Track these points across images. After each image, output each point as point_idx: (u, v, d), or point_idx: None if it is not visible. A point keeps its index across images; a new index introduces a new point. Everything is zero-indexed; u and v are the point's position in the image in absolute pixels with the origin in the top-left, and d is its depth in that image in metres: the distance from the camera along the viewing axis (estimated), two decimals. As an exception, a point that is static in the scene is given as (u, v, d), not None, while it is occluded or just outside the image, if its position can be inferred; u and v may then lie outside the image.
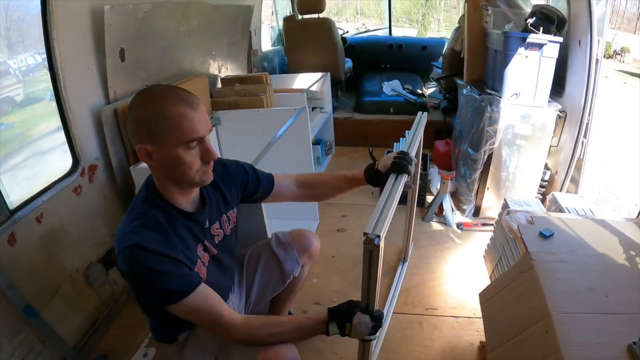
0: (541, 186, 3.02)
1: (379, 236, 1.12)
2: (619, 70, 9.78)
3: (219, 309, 1.23)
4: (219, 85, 3.41)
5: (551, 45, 2.54)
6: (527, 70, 2.63)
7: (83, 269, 2.06)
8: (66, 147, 2.04)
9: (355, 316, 1.29)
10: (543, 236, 1.78)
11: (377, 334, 1.34)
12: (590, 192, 3.39)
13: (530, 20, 2.60)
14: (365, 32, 7.12)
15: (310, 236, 1.81)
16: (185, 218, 1.29)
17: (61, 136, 2.02)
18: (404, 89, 4.88)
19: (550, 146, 2.94)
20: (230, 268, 1.58)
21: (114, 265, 2.22)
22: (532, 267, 1.57)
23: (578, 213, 2.21)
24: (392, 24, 6.31)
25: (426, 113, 1.74)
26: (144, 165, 2.00)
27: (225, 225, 1.49)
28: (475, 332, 2.08)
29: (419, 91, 4.90)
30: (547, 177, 3.05)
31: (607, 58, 10.21)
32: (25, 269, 1.76)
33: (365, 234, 1.13)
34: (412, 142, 1.77)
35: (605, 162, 4.23)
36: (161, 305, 1.19)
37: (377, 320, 1.29)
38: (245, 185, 1.57)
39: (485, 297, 1.80)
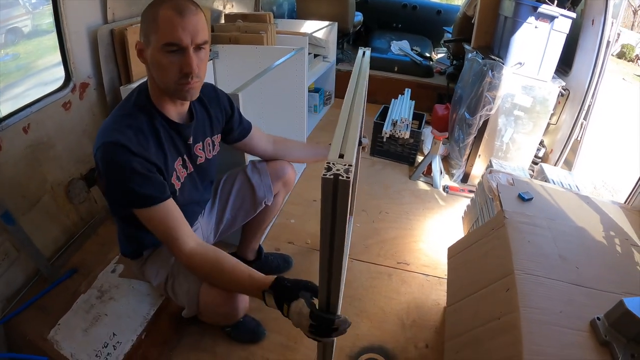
0: (534, 162, 3.01)
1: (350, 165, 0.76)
2: (638, 75, 9.56)
3: (176, 229, 1.24)
4: (223, 21, 3.35)
5: (563, 19, 2.48)
6: (535, 41, 2.58)
7: (65, 184, 2.06)
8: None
9: (296, 302, 1.09)
10: (521, 198, 1.78)
11: (325, 338, 1.05)
12: (587, 184, 3.37)
13: (546, -8, 2.54)
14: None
15: (285, 165, 1.83)
16: (170, 127, 1.32)
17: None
18: (412, 50, 4.82)
19: (549, 123, 2.92)
20: (204, 194, 1.60)
21: (96, 183, 2.22)
22: (504, 225, 1.57)
23: (563, 186, 2.19)
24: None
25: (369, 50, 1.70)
26: (134, 85, 2.00)
27: (208, 148, 1.51)
28: (443, 293, 2.09)
29: (427, 54, 4.84)
30: (541, 154, 3.05)
31: (628, 61, 9.98)
32: (8, 176, 1.76)
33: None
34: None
35: (611, 161, 4.17)
36: (127, 206, 1.21)
37: (318, 322, 1.02)
38: (230, 117, 1.59)
39: (453, 252, 1.82)
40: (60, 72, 2.03)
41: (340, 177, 0.72)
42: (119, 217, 1.42)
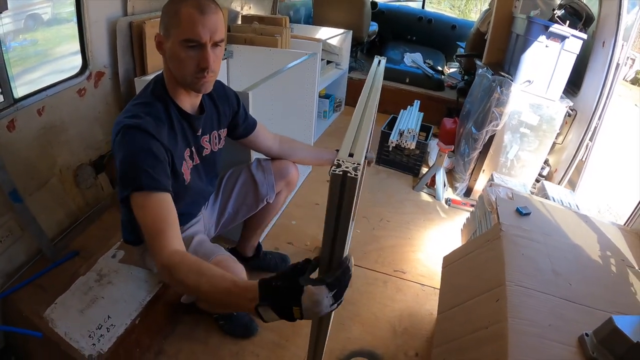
0: (537, 180, 3.01)
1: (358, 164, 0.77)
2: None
3: (167, 225, 1.14)
4: (239, 22, 3.40)
5: (574, 39, 2.51)
6: (545, 60, 2.60)
7: (73, 168, 2.11)
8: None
9: (305, 296, 0.83)
10: (519, 213, 1.79)
11: (343, 297, 0.87)
12: (591, 207, 3.36)
13: (558, 12, 2.57)
14: (398, 1, 7.00)
15: (289, 165, 1.86)
16: (182, 117, 1.37)
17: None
18: (424, 62, 4.85)
19: (555, 143, 2.93)
20: (208, 186, 1.63)
21: (104, 170, 2.26)
22: (499, 237, 1.58)
23: (563, 204, 2.20)
24: (434, 5, 6.18)
25: (385, 60, 1.77)
26: (148, 78, 2.04)
27: (214, 141, 1.55)
28: (437, 303, 2.05)
29: (439, 68, 4.87)
30: (545, 173, 3.05)
31: (640, 86, 9.88)
32: (19, 155, 1.81)
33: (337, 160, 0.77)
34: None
35: (618, 185, 4.16)
36: (132, 185, 1.16)
37: (340, 286, 0.85)
38: (236, 113, 1.64)
39: (448, 261, 1.83)
40: (76, 62, 2.08)
41: (348, 174, 0.74)
42: (125, 204, 1.45)
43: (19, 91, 1.80)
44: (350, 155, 0.84)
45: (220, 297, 0.97)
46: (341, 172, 0.75)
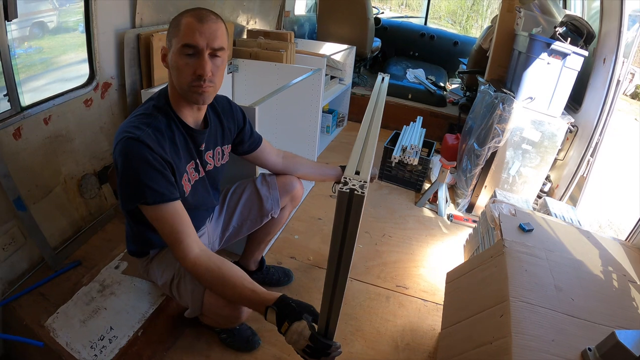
0: (539, 196, 3.02)
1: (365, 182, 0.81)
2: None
3: (183, 232, 1.27)
4: (245, 36, 3.44)
5: (575, 57, 2.53)
6: (547, 77, 2.62)
7: (78, 178, 2.12)
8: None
9: (298, 322, 1.16)
10: (522, 229, 1.80)
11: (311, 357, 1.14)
12: (592, 222, 3.36)
13: (560, 30, 2.59)
14: (401, 17, 7.09)
15: (294, 180, 1.87)
16: (185, 131, 1.38)
17: (86, 67, 2.10)
18: (427, 78, 4.89)
19: (556, 159, 2.94)
20: (213, 200, 1.64)
21: (108, 181, 2.27)
22: (502, 253, 1.59)
23: (565, 220, 2.21)
24: (436, 21, 6.26)
25: (388, 77, 1.80)
26: (154, 90, 2.06)
27: (217, 157, 1.56)
28: (439, 319, 2.06)
29: (441, 84, 4.90)
30: (546, 189, 3.06)
31: (641, 101, 9.92)
32: (24, 164, 1.82)
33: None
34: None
35: (618, 200, 4.16)
36: (137, 200, 1.24)
37: (315, 345, 1.12)
38: (241, 130, 1.65)
39: (452, 277, 1.83)
40: (80, 71, 2.10)
41: (355, 192, 0.78)
42: (130, 215, 1.46)
43: (24, 98, 1.81)
44: (357, 173, 0.87)
45: (239, 301, 1.31)
46: (348, 190, 0.79)
